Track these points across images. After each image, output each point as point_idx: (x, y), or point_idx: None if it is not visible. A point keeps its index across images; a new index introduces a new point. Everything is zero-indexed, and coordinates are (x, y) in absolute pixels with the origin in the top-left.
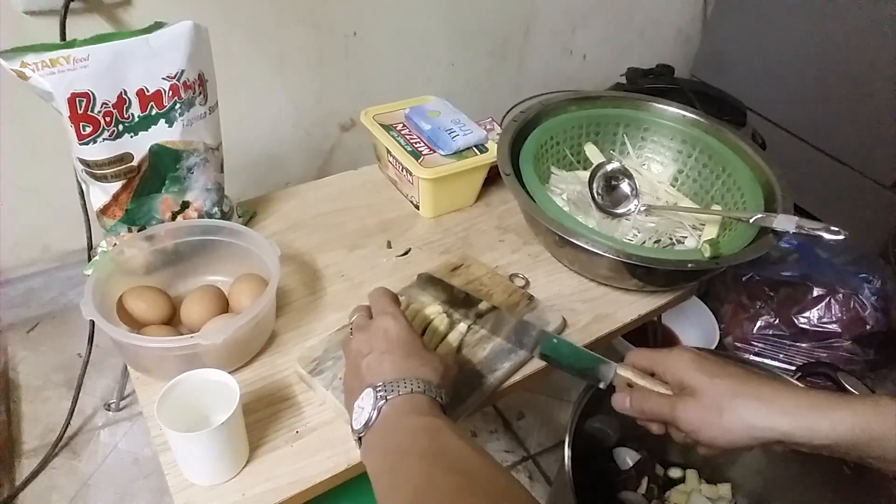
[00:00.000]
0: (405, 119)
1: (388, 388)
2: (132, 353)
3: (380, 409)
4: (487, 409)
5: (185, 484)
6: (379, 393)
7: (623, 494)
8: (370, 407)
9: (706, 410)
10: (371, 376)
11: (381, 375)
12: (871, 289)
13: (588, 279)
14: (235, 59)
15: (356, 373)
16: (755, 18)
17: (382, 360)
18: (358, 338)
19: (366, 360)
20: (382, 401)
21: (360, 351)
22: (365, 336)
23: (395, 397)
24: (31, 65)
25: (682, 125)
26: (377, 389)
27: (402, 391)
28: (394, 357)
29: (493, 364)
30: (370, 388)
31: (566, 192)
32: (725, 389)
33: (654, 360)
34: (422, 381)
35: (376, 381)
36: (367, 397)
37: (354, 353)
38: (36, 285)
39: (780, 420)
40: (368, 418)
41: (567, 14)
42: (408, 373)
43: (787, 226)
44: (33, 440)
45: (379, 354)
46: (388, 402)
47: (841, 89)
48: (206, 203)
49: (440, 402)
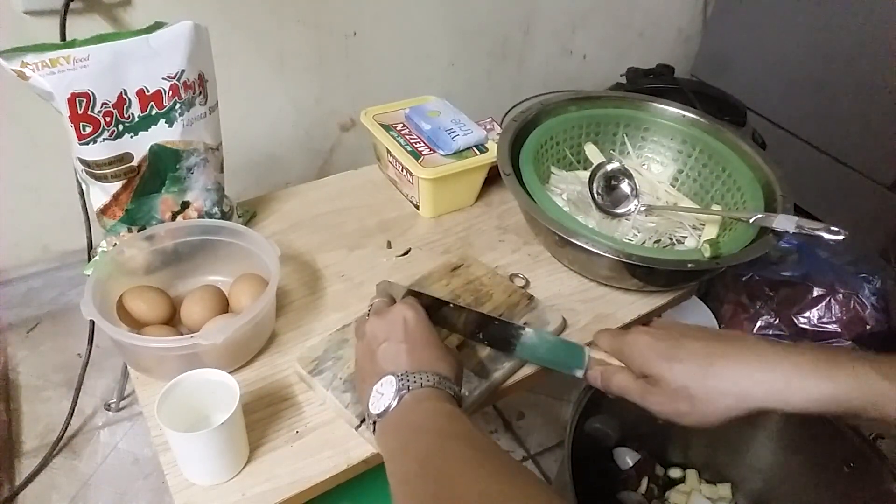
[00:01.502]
0: (405, 119)
1: (410, 378)
2: (132, 353)
3: (401, 398)
4: (487, 409)
5: (185, 484)
6: (402, 382)
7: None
8: (392, 395)
9: (676, 400)
10: (388, 364)
11: (401, 364)
12: (871, 289)
13: (588, 279)
14: (235, 59)
15: (370, 357)
16: (755, 18)
17: (400, 350)
18: (375, 322)
19: (382, 346)
20: (405, 390)
21: (375, 335)
22: (383, 322)
23: (417, 388)
24: (31, 65)
25: (682, 125)
26: (400, 378)
27: (424, 383)
28: (413, 347)
29: (493, 364)
30: (392, 375)
31: (566, 192)
32: (690, 375)
33: (614, 347)
34: (441, 377)
35: (398, 370)
36: (389, 384)
37: (370, 336)
38: (36, 285)
39: (754, 394)
40: (388, 406)
41: (567, 14)
42: (427, 365)
43: (786, 226)
44: (33, 440)
45: (397, 343)
46: (410, 392)
47: (841, 89)
48: (206, 203)
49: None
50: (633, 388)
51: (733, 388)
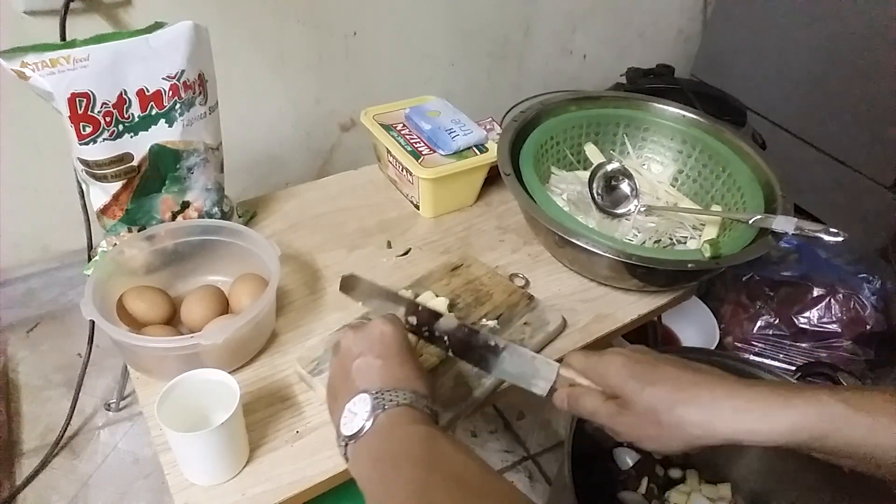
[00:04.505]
0: (405, 119)
1: (385, 396)
2: (132, 353)
3: (376, 418)
4: (487, 409)
5: (185, 484)
6: (377, 400)
7: (623, 494)
8: (365, 414)
9: (644, 423)
10: (363, 380)
11: (375, 381)
12: (871, 289)
13: (588, 279)
14: (235, 59)
15: (344, 373)
16: (755, 18)
17: (376, 365)
18: (350, 336)
19: (357, 362)
20: (380, 409)
21: (350, 350)
22: (359, 336)
23: (393, 407)
24: (32, 65)
25: (682, 125)
26: (375, 396)
27: (401, 401)
28: (389, 363)
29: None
30: (366, 393)
31: (566, 192)
32: (660, 399)
33: (587, 366)
34: (418, 395)
35: (371, 387)
36: (363, 402)
37: (344, 351)
38: (36, 285)
39: (720, 426)
40: (362, 427)
41: (567, 14)
42: (403, 382)
43: (786, 227)
44: (33, 440)
45: (373, 358)
46: (385, 412)
47: (841, 89)
48: (206, 203)
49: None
50: (601, 409)
51: (701, 418)
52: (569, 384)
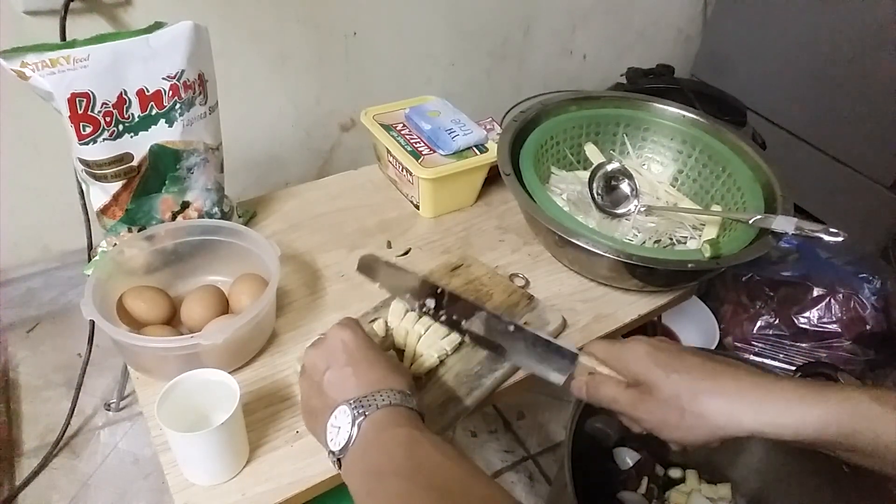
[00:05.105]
0: (405, 119)
1: (364, 402)
2: (132, 353)
3: (359, 426)
4: (487, 409)
5: (185, 484)
6: (356, 409)
7: (623, 494)
8: (349, 425)
9: (666, 410)
10: (338, 392)
11: (351, 390)
12: (871, 289)
13: (588, 279)
14: (235, 59)
15: (317, 391)
16: (755, 18)
17: (346, 374)
18: (312, 353)
19: (326, 376)
20: (361, 417)
21: (316, 367)
22: (320, 350)
23: (373, 412)
24: (32, 65)
25: (682, 125)
26: (353, 405)
27: (380, 403)
28: (359, 369)
29: (493, 364)
30: (344, 404)
31: (566, 192)
32: (685, 386)
33: (610, 354)
34: (396, 392)
35: (348, 397)
36: (343, 415)
37: (310, 369)
38: (36, 285)
39: (745, 418)
40: (349, 438)
41: (567, 14)
42: (379, 384)
43: (786, 227)
44: (33, 440)
45: (341, 368)
46: (368, 418)
47: (841, 89)
48: (206, 203)
49: (416, 410)
50: (622, 396)
51: (725, 408)
52: (588, 372)
